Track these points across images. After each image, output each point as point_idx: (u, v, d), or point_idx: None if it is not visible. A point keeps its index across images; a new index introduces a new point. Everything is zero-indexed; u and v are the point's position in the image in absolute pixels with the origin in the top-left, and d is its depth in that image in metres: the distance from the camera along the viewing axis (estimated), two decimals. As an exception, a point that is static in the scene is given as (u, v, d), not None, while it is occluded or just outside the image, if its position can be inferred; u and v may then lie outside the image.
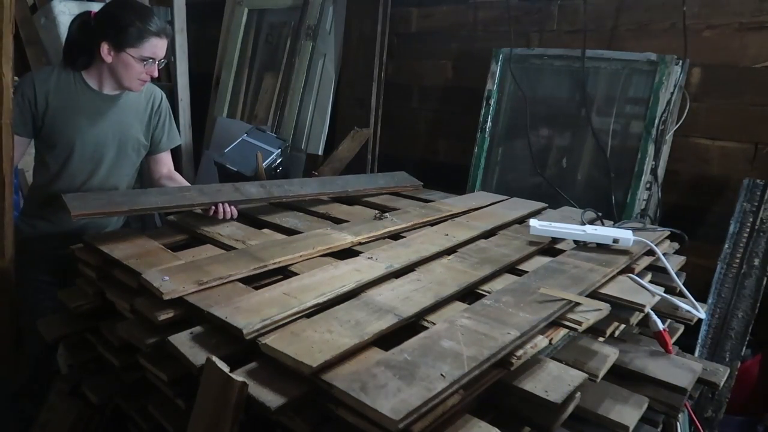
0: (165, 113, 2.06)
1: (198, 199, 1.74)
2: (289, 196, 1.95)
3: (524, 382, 1.05)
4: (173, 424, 1.20)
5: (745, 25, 2.25)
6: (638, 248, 1.60)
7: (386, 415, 0.83)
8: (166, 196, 1.73)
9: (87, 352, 1.47)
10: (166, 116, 2.06)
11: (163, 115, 2.05)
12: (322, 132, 3.52)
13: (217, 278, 1.28)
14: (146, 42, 1.77)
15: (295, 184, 2.06)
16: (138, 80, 1.84)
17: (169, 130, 2.08)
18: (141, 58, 1.78)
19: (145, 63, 1.80)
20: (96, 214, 1.55)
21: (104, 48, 1.76)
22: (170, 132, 2.09)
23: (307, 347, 1.00)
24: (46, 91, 1.79)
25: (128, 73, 1.81)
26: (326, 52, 3.51)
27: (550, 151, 2.61)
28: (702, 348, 2.09)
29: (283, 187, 2.00)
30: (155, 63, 1.83)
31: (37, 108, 1.79)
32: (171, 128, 2.09)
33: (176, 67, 3.45)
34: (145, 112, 2.00)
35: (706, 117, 2.36)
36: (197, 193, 1.79)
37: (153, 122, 2.02)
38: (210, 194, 1.78)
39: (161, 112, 2.04)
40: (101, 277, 1.44)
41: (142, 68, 1.80)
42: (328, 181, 2.22)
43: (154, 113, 2.02)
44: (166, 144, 2.09)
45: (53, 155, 1.85)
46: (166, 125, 2.07)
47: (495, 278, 1.42)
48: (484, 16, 2.99)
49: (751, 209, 2.10)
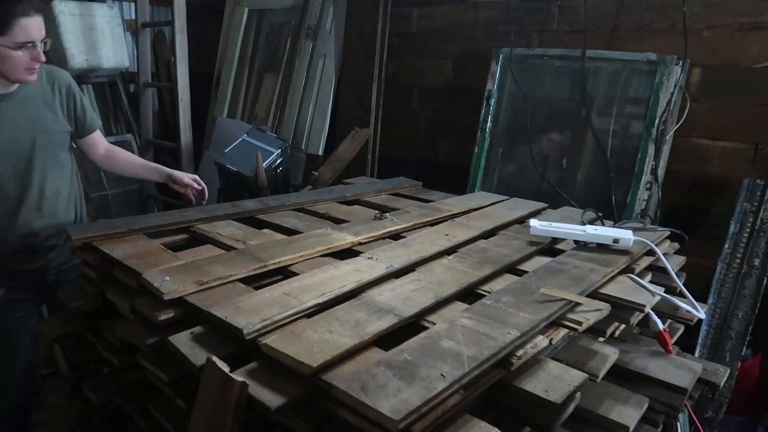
0: (77, 94, 1.89)
1: (196, 216, 1.74)
2: (286, 206, 1.96)
3: (524, 382, 1.05)
4: (173, 424, 1.20)
5: (745, 25, 2.25)
6: (638, 248, 1.60)
7: (386, 415, 0.83)
8: (164, 216, 1.72)
9: (87, 352, 1.47)
10: (79, 97, 1.90)
11: (77, 96, 1.88)
12: (322, 132, 3.52)
13: (217, 278, 1.28)
14: (15, 26, 1.58)
15: (292, 197, 2.08)
16: (26, 70, 1.66)
17: (88, 110, 1.93)
18: (16, 46, 1.60)
19: (24, 48, 1.61)
20: (96, 237, 1.52)
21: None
22: (90, 112, 1.95)
23: (307, 347, 1.00)
24: None
25: (10, 65, 1.63)
26: (326, 52, 3.51)
27: (550, 151, 2.61)
28: (702, 348, 2.09)
29: (280, 200, 2.01)
30: (36, 46, 1.64)
31: None
32: (89, 109, 1.94)
33: (176, 67, 3.44)
34: (54, 98, 1.82)
35: (706, 117, 2.37)
36: (195, 211, 1.79)
37: (69, 106, 1.86)
38: (208, 212, 1.79)
39: (72, 93, 1.87)
40: (101, 277, 1.44)
41: (25, 55, 1.62)
42: (326, 191, 2.22)
43: (67, 97, 1.85)
44: (91, 124, 1.95)
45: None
46: (85, 106, 1.91)
47: (495, 278, 1.42)
48: (484, 16, 2.99)
49: (751, 209, 2.10)
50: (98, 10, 3.54)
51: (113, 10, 3.67)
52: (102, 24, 3.55)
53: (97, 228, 1.57)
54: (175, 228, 1.68)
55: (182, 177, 1.98)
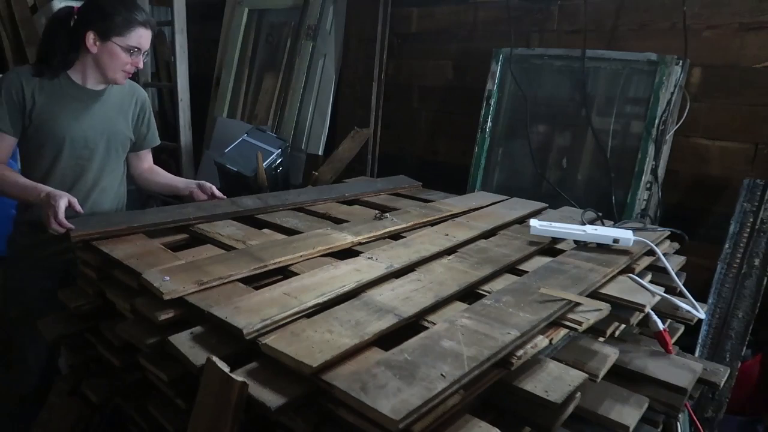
0: (148, 112, 2.07)
1: (195, 214, 1.74)
2: (285, 205, 1.95)
3: (524, 382, 1.05)
4: (173, 424, 1.19)
5: (745, 25, 2.25)
6: (638, 248, 1.60)
7: (386, 415, 0.83)
8: (163, 213, 1.73)
9: (87, 352, 1.47)
10: (149, 115, 2.07)
11: (147, 113, 2.06)
12: (322, 132, 3.53)
13: (217, 278, 1.28)
14: (132, 31, 1.77)
15: (291, 194, 2.08)
16: (122, 72, 1.82)
17: (152, 128, 2.09)
18: (127, 48, 1.77)
19: (131, 53, 1.79)
20: (95, 234, 1.52)
21: (90, 38, 1.75)
22: (153, 130, 2.10)
23: (308, 347, 1.00)
24: (32, 87, 1.76)
25: (114, 64, 1.79)
26: (326, 52, 3.51)
27: (550, 151, 2.61)
28: (702, 348, 2.09)
29: (280, 197, 2.01)
30: (140, 54, 1.82)
31: (25, 105, 1.76)
32: (154, 127, 2.10)
33: (176, 67, 3.44)
34: (130, 107, 1.99)
35: (706, 117, 2.37)
36: (194, 209, 1.79)
37: (138, 119, 2.03)
38: (207, 209, 1.79)
39: (145, 109, 2.05)
40: (101, 277, 1.44)
41: (128, 58, 1.79)
42: (326, 189, 2.22)
43: (140, 110, 2.02)
44: (150, 141, 2.10)
45: (41, 154, 1.82)
46: (151, 123, 2.08)
47: (495, 278, 1.42)
48: (484, 16, 2.99)
49: (751, 209, 2.10)
50: (98, 10, 3.54)
51: (113, 10, 3.66)
52: (102, 24, 3.54)
53: (97, 224, 1.57)
54: (174, 227, 1.68)
55: (211, 187, 2.02)
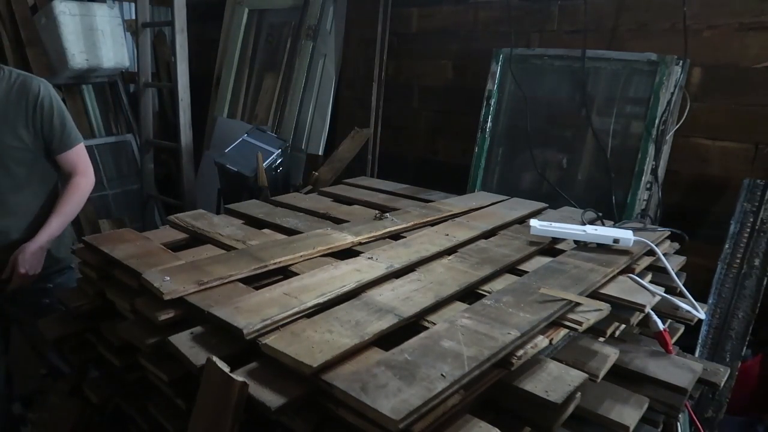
0: (48, 108, 1.71)
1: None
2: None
3: (524, 382, 1.05)
4: (173, 424, 1.19)
5: (745, 25, 2.25)
6: (638, 248, 1.60)
7: (387, 415, 0.83)
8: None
9: (87, 352, 1.47)
10: (51, 112, 1.71)
11: (46, 110, 1.70)
12: (323, 132, 3.53)
13: (217, 278, 1.28)
14: None
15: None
16: None
17: (56, 127, 1.73)
18: None
19: None
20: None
21: None
22: (57, 129, 1.74)
23: (308, 347, 1.00)
24: None
25: None
26: (326, 52, 3.51)
27: (550, 151, 2.61)
28: (702, 348, 2.09)
29: None
30: None
31: None
32: (61, 125, 1.74)
33: (176, 67, 3.44)
34: (20, 112, 1.66)
35: (706, 117, 2.36)
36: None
37: (35, 120, 1.69)
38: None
39: (44, 106, 1.70)
40: (101, 277, 1.44)
41: None
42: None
43: (33, 110, 1.69)
44: (59, 146, 1.75)
45: None
46: (54, 122, 1.72)
47: (495, 278, 1.42)
48: (484, 16, 2.99)
49: (752, 209, 2.10)
50: (98, 10, 3.55)
51: (113, 10, 3.67)
52: (102, 24, 3.55)
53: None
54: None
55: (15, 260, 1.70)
